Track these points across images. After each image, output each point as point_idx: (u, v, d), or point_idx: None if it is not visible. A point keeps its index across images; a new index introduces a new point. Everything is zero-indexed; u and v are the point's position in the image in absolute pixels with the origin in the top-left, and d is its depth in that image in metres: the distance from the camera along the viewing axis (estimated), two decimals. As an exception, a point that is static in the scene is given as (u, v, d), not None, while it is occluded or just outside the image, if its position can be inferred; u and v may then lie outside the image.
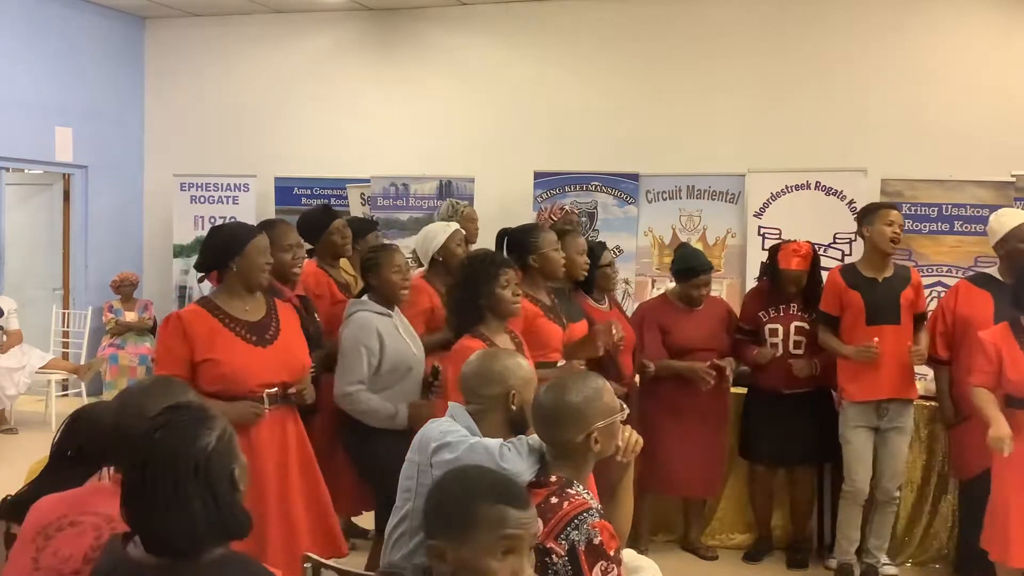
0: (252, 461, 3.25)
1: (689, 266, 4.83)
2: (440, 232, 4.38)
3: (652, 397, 4.75)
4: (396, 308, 3.90)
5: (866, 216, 4.58)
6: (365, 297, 3.85)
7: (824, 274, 4.79)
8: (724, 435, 4.96)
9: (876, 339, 4.36)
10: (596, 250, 4.63)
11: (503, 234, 4.16)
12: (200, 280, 3.49)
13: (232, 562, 1.78)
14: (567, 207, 5.28)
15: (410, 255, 4.77)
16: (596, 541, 2.11)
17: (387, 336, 3.71)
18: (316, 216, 4.67)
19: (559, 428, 2.32)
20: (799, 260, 4.73)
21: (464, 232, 4.52)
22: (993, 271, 4.45)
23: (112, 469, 2.12)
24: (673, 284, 5.02)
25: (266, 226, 4.05)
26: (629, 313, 5.27)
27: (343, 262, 4.69)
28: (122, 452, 2.05)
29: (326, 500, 3.52)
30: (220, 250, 3.35)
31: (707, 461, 4.87)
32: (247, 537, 1.78)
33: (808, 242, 4.84)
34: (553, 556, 2.11)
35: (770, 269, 4.87)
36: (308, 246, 4.77)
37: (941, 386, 4.57)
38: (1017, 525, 3.74)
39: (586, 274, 4.40)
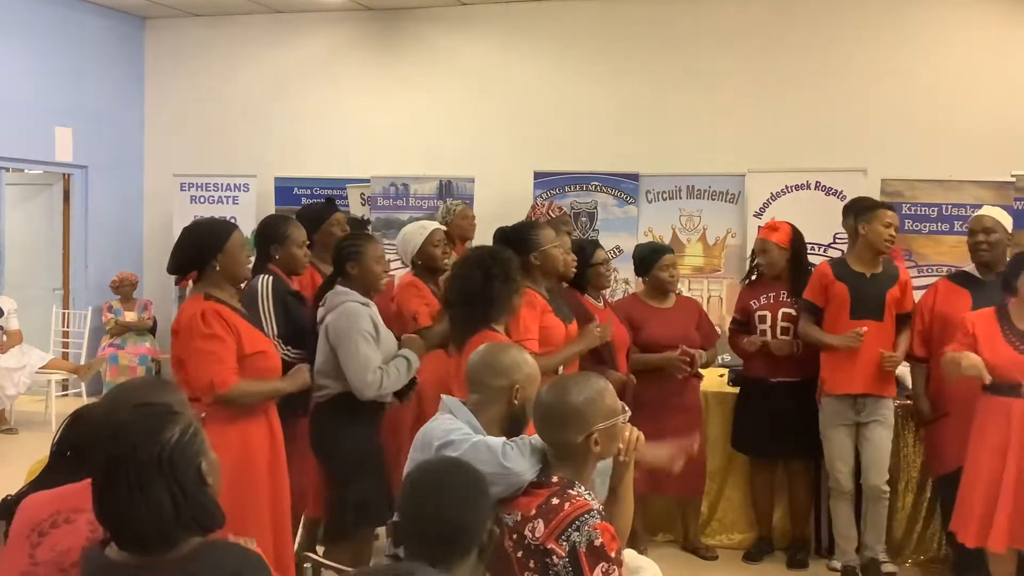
0: (269, 455, 3.30)
1: (651, 249, 4.97)
2: (416, 235, 4.34)
3: (624, 395, 4.73)
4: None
5: (862, 213, 4.60)
6: (342, 287, 3.73)
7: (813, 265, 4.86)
8: (700, 431, 4.95)
9: (864, 328, 4.39)
10: (588, 248, 4.62)
11: (500, 232, 4.14)
12: (177, 283, 3.44)
13: (208, 550, 1.79)
14: (561, 207, 5.30)
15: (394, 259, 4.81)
16: (597, 543, 2.11)
17: (378, 324, 3.67)
18: (319, 207, 4.75)
19: (560, 428, 2.31)
20: (776, 234, 4.82)
21: (443, 230, 4.49)
22: (971, 269, 4.46)
23: None
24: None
25: (280, 222, 4.09)
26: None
27: None
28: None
29: (287, 505, 3.46)
30: (201, 249, 3.30)
31: (685, 460, 4.83)
32: (223, 528, 1.81)
33: (788, 223, 4.89)
34: (554, 557, 2.11)
35: (755, 248, 5.00)
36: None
37: (917, 384, 4.58)
38: (1000, 508, 3.77)
39: (575, 272, 4.38)
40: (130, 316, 8.40)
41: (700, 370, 4.94)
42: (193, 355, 3.16)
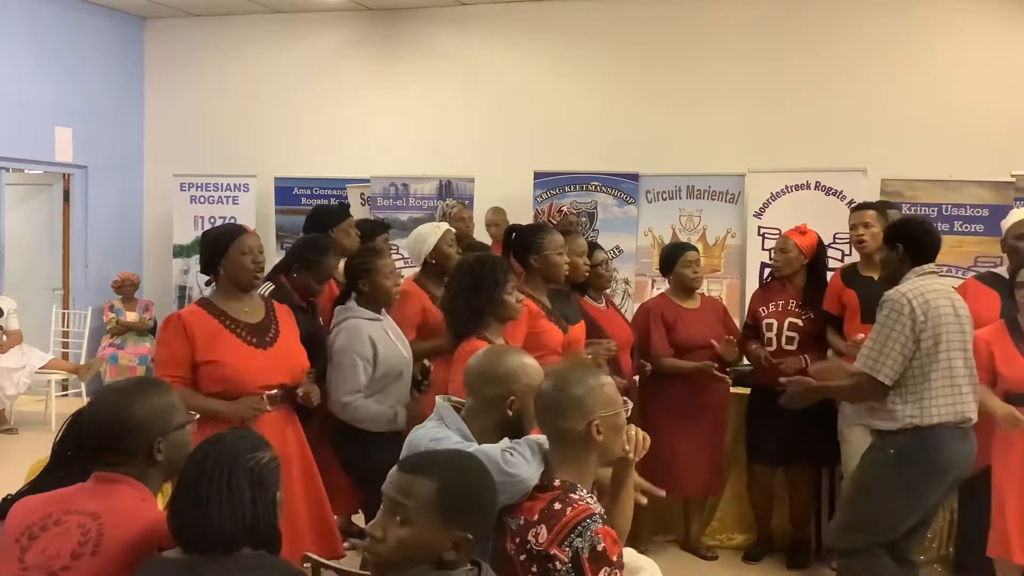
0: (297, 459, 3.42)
1: (674, 246, 5.06)
2: (431, 234, 4.38)
3: (654, 397, 4.75)
4: (383, 311, 3.88)
5: None
6: (352, 303, 3.80)
7: (830, 275, 4.88)
8: (725, 433, 4.97)
9: (861, 335, 4.39)
10: (587, 250, 4.63)
11: (511, 231, 4.17)
12: (208, 283, 3.52)
13: (258, 559, 1.91)
14: (565, 208, 5.30)
15: (397, 257, 4.80)
16: (600, 548, 2.10)
17: (379, 342, 3.70)
18: (332, 208, 4.82)
19: (561, 416, 2.29)
20: (801, 237, 4.84)
21: (454, 231, 4.51)
22: (1002, 270, 4.46)
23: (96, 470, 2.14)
24: (667, 286, 5.05)
25: (317, 250, 4.10)
26: (628, 313, 5.28)
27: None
28: (100, 448, 2.11)
29: (324, 501, 3.55)
30: (208, 254, 3.40)
31: (709, 460, 4.87)
32: (279, 553, 1.97)
33: (816, 233, 4.90)
34: (556, 563, 2.11)
35: (776, 245, 5.02)
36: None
37: None
38: (1015, 521, 3.75)
39: (587, 275, 4.42)
40: (131, 316, 8.40)
41: (728, 366, 4.95)
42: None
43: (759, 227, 7.10)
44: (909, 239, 3.63)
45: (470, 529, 1.84)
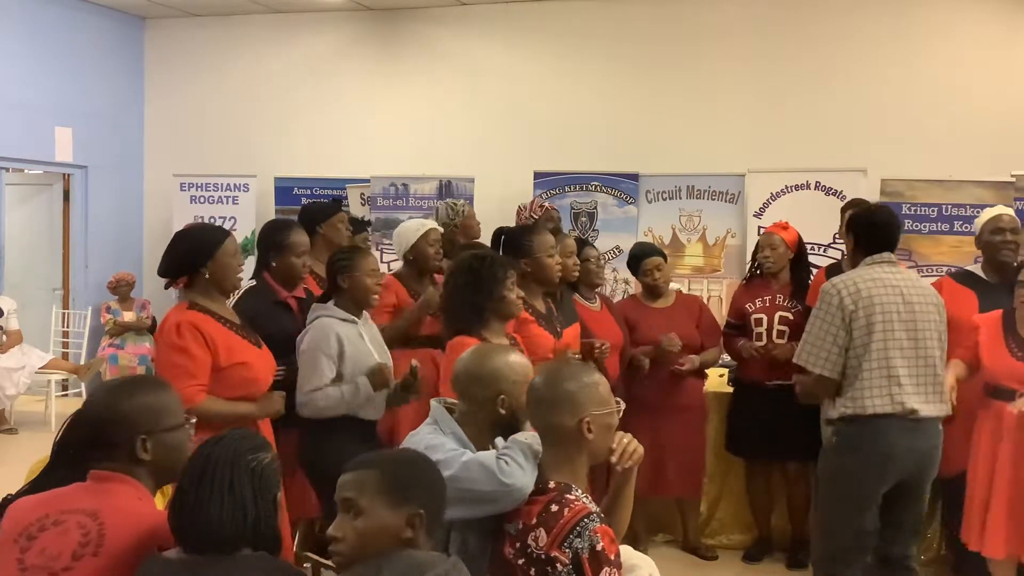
0: None
1: (635, 253, 4.99)
2: (412, 233, 4.34)
3: (629, 397, 4.71)
4: (365, 314, 3.75)
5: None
6: (330, 302, 3.67)
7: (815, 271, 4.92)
8: (702, 434, 4.95)
9: None
10: (576, 249, 4.61)
11: (499, 233, 4.12)
12: (167, 287, 3.34)
13: (258, 560, 1.92)
14: (546, 204, 5.28)
15: (393, 257, 4.78)
16: (599, 547, 2.11)
17: (348, 343, 3.55)
18: (322, 204, 4.76)
19: (552, 412, 2.28)
20: (785, 232, 4.86)
21: (440, 231, 4.49)
22: (976, 268, 4.42)
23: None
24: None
25: (280, 229, 4.01)
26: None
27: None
28: (97, 448, 2.09)
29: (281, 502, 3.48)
30: (191, 255, 3.22)
31: (684, 461, 4.84)
32: (279, 554, 1.98)
33: (795, 228, 4.94)
34: (558, 565, 2.11)
35: (760, 242, 5.01)
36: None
37: None
38: (993, 514, 3.76)
39: (577, 275, 4.37)
40: (128, 316, 8.40)
41: (705, 369, 4.96)
42: (166, 367, 3.11)
43: (759, 227, 7.09)
44: (858, 229, 3.64)
45: (420, 505, 1.90)
